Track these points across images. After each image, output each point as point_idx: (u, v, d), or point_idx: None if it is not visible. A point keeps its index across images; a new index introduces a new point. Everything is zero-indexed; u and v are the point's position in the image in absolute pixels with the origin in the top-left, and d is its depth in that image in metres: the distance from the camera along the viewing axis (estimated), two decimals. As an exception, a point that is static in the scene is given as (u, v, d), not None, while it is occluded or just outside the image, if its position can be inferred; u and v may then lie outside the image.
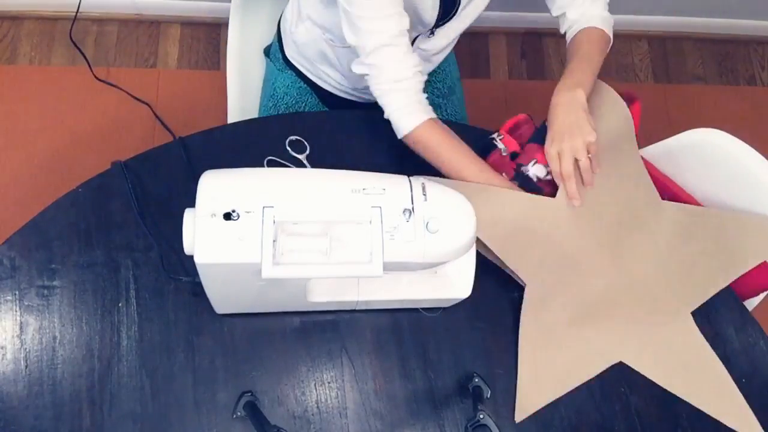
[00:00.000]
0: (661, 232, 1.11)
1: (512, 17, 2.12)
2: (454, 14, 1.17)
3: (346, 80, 1.30)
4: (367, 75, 1.07)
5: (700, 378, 1.06)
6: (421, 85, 1.08)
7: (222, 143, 1.15)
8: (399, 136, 1.09)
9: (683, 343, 1.07)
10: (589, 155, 1.05)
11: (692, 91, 2.31)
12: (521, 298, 1.07)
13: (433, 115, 1.08)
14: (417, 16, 1.12)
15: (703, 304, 1.13)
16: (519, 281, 1.07)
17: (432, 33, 1.19)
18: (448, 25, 1.19)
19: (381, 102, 1.08)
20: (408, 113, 1.06)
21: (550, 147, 1.06)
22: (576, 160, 1.05)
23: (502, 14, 2.07)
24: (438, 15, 1.14)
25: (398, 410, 1.00)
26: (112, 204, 1.07)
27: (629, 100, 1.20)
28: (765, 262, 1.16)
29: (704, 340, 1.08)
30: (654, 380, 1.05)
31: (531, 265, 1.05)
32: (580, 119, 1.06)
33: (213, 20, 2.14)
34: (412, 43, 1.22)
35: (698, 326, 1.11)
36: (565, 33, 1.22)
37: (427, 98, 1.09)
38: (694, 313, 1.10)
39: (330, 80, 1.32)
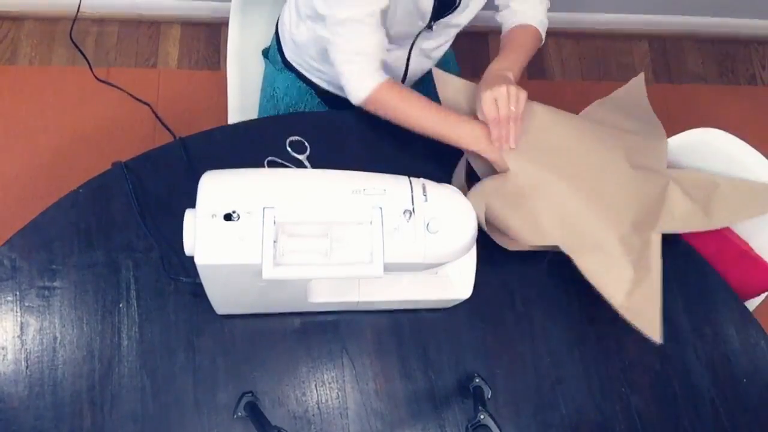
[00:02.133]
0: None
1: (512, 17, 2.12)
2: (454, 10, 1.17)
3: None
4: (329, 41, 1.09)
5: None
6: (380, 60, 1.11)
7: (222, 143, 1.15)
8: (357, 101, 1.11)
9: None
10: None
11: (692, 90, 2.31)
12: (522, 297, 1.08)
13: (388, 77, 1.10)
14: (415, 4, 1.11)
15: (704, 304, 1.13)
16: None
17: (430, 28, 1.19)
18: (446, 21, 1.19)
19: (338, 68, 1.11)
20: (367, 75, 1.09)
21: (485, 92, 1.05)
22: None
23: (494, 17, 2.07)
24: (434, 6, 1.14)
25: (399, 410, 1.00)
26: (113, 204, 1.07)
27: None
28: (766, 263, 1.16)
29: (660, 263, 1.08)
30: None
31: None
32: (510, 81, 1.08)
33: (213, 20, 2.14)
34: (413, 43, 1.22)
35: (698, 326, 1.11)
36: (501, 24, 1.26)
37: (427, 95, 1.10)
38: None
39: (331, 79, 1.32)
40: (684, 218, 1.09)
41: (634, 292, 1.03)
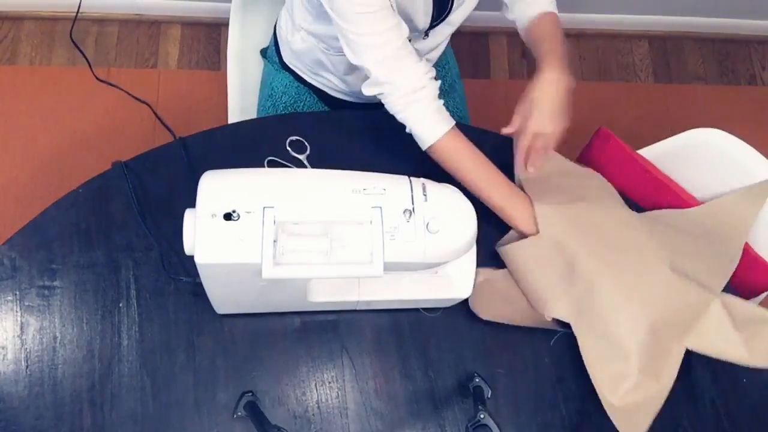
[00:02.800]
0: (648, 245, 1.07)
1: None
2: (446, 16, 1.16)
3: (344, 84, 1.30)
4: (381, 94, 1.04)
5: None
6: (437, 91, 1.05)
7: (222, 143, 1.15)
8: (423, 148, 1.06)
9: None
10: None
11: (693, 90, 2.31)
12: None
13: (453, 122, 1.06)
14: (409, 22, 1.10)
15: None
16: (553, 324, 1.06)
17: (426, 35, 1.19)
18: (439, 27, 1.19)
19: (400, 117, 1.05)
20: (431, 124, 1.04)
21: (539, 122, 1.08)
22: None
23: (503, 14, 2.07)
24: (430, 20, 1.14)
25: (399, 410, 1.00)
26: (113, 204, 1.07)
27: (604, 137, 1.21)
28: (766, 262, 1.16)
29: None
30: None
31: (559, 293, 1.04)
32: (564, 104, 1.09)
33: (213, 20, 2.14)
34: None
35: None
36: (516, 20, 1.23)
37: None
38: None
39: (329, 83, 1.32)
40: (719, 343, 1.01)
41: (627, 397, 0.99)
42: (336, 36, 1.05)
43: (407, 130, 1.07)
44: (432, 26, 1.17)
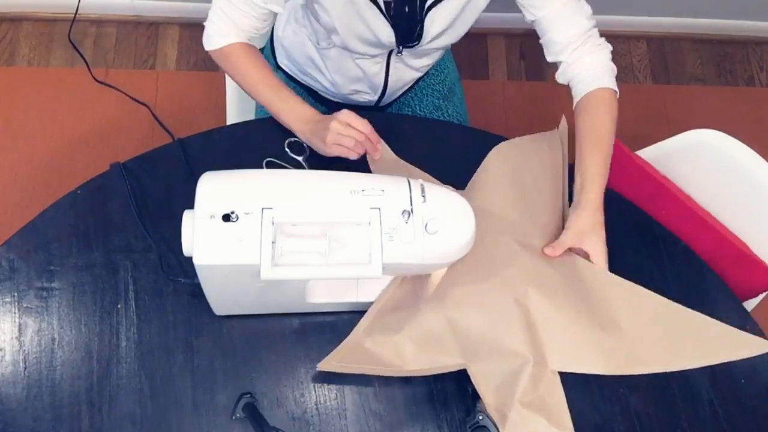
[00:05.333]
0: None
1: (511, 18, 2.12)
2: (418, 41, 1.13)
3: (333, 87, 1.29)
4: None
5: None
6: (255, 33, 1.11)
7: (221, 145, 1.15)
8: (207, 47, 1.14)
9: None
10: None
11: (691, 91, 2.31)
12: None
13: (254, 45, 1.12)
14: (372, 34, 1.09)
15: (702, 304, 1.13)
16: None
17: (400, 52, 1.16)
18: (416, 50, 1.16)
19: (210, 14, 1.13)
20: (228, 29, 1.10)
21: (595, 244, 1.03)
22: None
23: (501, 15, 2.07)
24: (397, 40, 1.11)
25: (397, 411, 1.00)
26: (111, 205, 1.07)
27: None
28: (764, 263, 1.16)
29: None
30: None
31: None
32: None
33: (212, 21, 2.14)
34: (388, 58, 1.20)
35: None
36: (568, 84, 1.15)
37: (428, 100, 1.07)
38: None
39: (319, 86, 1.32)
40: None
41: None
42: (325, 28, 1.06)
43: (205, 23, 1.14)
44: (404, 45, 1.14)
